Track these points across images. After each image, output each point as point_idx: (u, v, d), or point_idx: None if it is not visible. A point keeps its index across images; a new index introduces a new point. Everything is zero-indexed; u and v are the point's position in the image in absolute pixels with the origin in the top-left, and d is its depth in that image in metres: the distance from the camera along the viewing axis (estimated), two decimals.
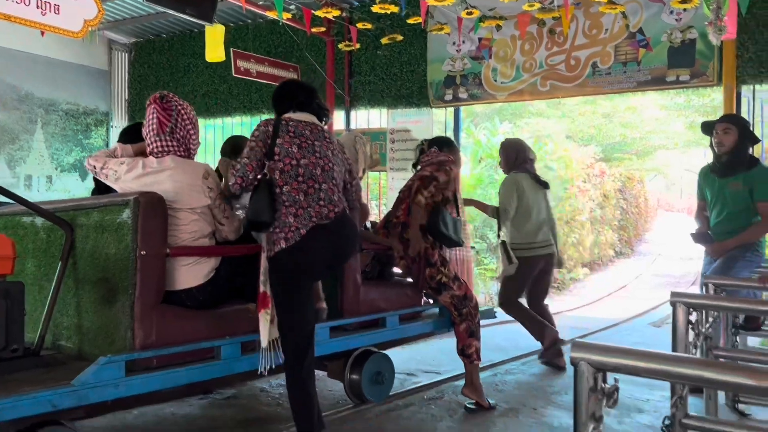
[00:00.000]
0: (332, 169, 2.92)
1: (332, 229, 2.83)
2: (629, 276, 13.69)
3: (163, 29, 9.34)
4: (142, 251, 2.44)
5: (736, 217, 4.05)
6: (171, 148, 2.77)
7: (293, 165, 2.79)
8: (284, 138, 2.81)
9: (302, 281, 2.83)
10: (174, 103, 2.81)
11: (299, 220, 2.75)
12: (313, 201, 2.80)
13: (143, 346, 2.45)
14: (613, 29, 6.50)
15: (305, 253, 2.78)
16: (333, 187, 2.90)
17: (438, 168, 3.80)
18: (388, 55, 7.85)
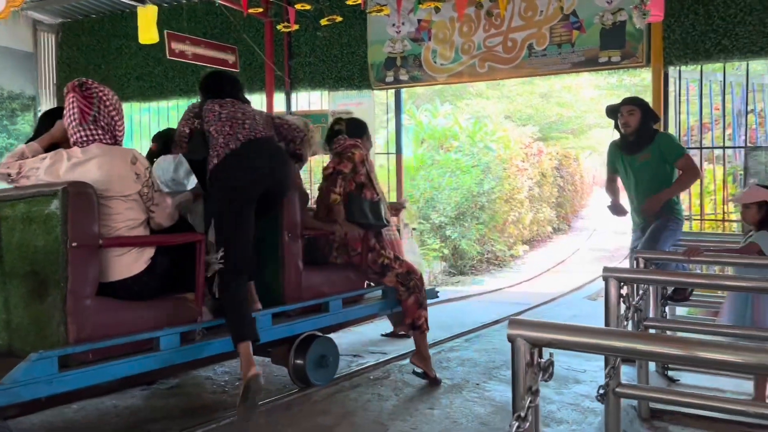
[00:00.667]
0: (254, 118, 3.29)
1: (263, 145, 3.19)
2: (567, 251, 14.13)
3: (92, 9, 8.93)
4: (73, 243, 2.36)
5: (651, 185, 4.27)
6: (96, 136, 2.67)
7: (216, 114, 3.22)
8: (208, 105, 3.27)
9: (239, 198, 3.08)
10: (94, 90, 2.70)
11: (228, 139, 3.14)
12: (239, 129, 3.19)
13: (77, 341, 2.37)
14: (548, 11, 6.61)
15: (239, 164, 3.10)
16: (256, 123, 3.27)
17: (339, 160, 3.80)
18: (327, 37, 7.76)
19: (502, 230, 12.11)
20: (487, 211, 11.42)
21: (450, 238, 10.46)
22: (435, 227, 10.36)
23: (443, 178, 10.91)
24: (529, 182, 13.47)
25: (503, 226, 12.14)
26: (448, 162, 11.20)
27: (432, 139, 11.91)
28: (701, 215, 6.05)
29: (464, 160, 11.43)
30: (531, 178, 13.60)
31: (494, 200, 11.61)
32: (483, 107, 14.95)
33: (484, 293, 8.41)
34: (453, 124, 12.47)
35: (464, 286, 9.44)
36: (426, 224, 10.24)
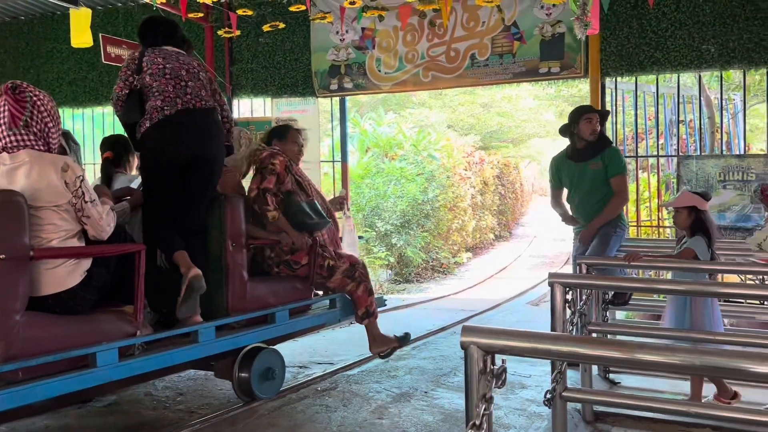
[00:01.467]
0: (197, 74, 3.29)
1: (198, 117, 3.19)
2: (509, 258, 14.40)
3: (21, 10, 8.54)
4: (0, 255, 2.21)
5: (597, 195, 4.40)
6: (27, 142, 2.53)
7: (160, 68, 3.19)
8: (149, 55, 3.22)
9: (164, 168, 3.15)
10: (28, 93, 2.56)
11: (166, 102, 3.14)
12: (181, 93, 3.18)
13: (6, 358, 2.22)
14: (490, 22, 6.73)
15: (170, 129, 3.12)
16: (200, 86, 3.26)
17: (262, 176, 3.68)
18: (270, 43, 7.67)
19: (446, 238, 12.22)
20: (432, 219, 11.51)
21: (395, 246, 10.47)
22: (380, 235, 10.36)
23: (388, 187, 10.93)
24: (472, 190, 13.66)
25: (447, 234, 12.26)
26: (392, 170, 11.24)
27: (377, 147, 11.93)
28: (637, 221, 6.27)
29: (409, 168, 11.49)
30: (473, 187, 13.81)
31: (438, 208, 11.72)
32: (426, 116, 15.11)
33: (430, 300, 8.45)
34: (397, 132, 12.53)
35: (410, 294, 9.46)
36: (371, 232, 10.23)
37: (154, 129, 3.16)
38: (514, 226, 19.40)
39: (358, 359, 4.74)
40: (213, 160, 3.32)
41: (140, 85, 3.23)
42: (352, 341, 5.53)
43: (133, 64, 3.25)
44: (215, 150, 3.33)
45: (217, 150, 3.35)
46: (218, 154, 3.37)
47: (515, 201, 19.96)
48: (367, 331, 4.01)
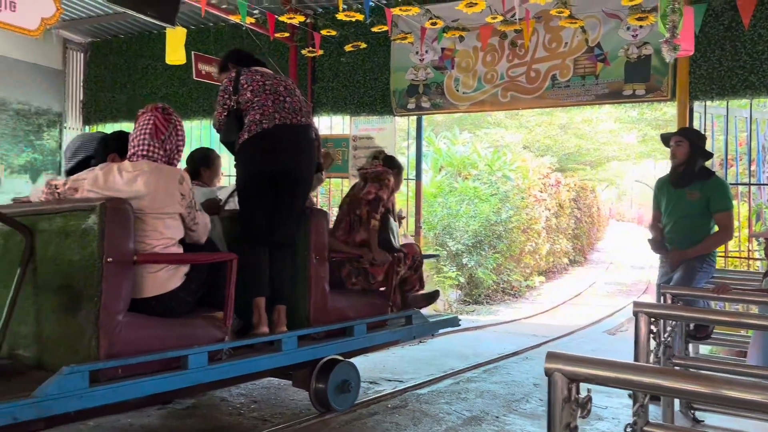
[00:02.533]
0: (294, 90, 3.42)
1: (294, 132, 3.27)
2: (583, 284, 14.01)
3: (121, 29, 9.12)
4: (108, 258, 2.37)
5: (692, 225, 4.23)
6: (156, 155, 2.75)
7: (260, 84, 3.31)
8: (246, 74, 3.35)
9: (257, 181, 3.25)
10: (174, 117, 2.86)
11: (265, 116, 3.24)
12: (279, 107, 3.28)
13: (108, 356, 2.37)
14: (573, 43, 6.66)
15: (266, 142, 3.21)
16: (298, 101, 3.37)
17: (380, 186, 3.90)
18: (351, 63, 7.86)
19: (518, 260, 12.03)
20: (505, 241, 11.36)
21: (466, 267, 10.40)
22: (451, 255, 10.31)
23: (461, 206, 10.89)
24: (547, 213, 13.42)
25: (519, 256, 12.07)
26: (466, 190, 11.19)
27: (450, 166, 11.92)
28: (725, 252, 5.99)
29: (483, 188, 11.42)
30: (548, 209, 13.55)
31: (511, 230, 11.56)
32: (501, 136, 14.99)
33: (501, 323, 8.32)
34: (472, 152, 12.49)
35: (479, 316, 9.35)
36: (442, 251, 10.20)
37: (250, 141, 3.27)
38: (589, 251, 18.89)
39: (428, 379, 4.73)
40: (304, 175, 3.40)
41: (237, 105, 3.33)
42: (421, 360, 5.53)
43: (230, 87, 3.38)
44: (306, 166, 3.41)
45: (308, 166, 3.43)
46: (309, 170, 3.45)
47: (591, 225, 19.43)
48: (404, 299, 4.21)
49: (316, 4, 7.82)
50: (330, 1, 7.36)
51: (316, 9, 7.89)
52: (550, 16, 6.58)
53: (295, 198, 3.38)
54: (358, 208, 3.85)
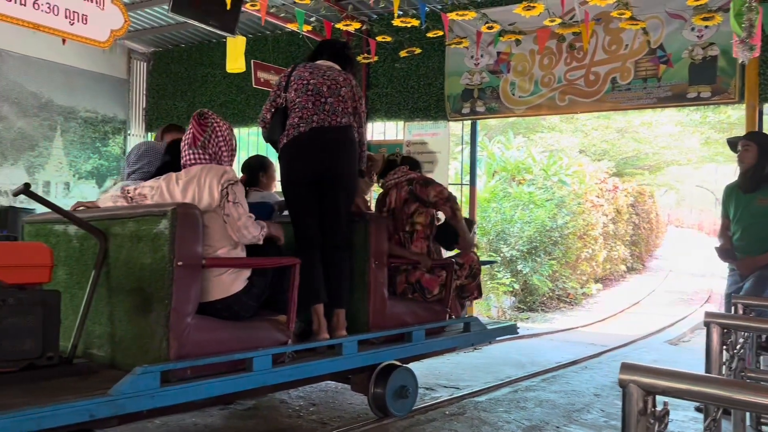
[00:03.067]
0: (339, 89, 3.33)
1: (331, 135, 3.23)
2: (642, 292, 13.60)
3: (182, 39, 9.41)
4: (178, 262, 2.45)
5: (762, 231, 4.05)
6: (201, 160, 2.81)
7: (304, 83, 3.29)
8: (299, 71, 3.36)
9: (296, 186, 3.27)
10: (210, 120, 2.88)
11: (303, 120, 3.23)
12: (319, 109, 3.25)
13: (178, 357, 2.44)
14: (634, 45, 6.50)
15: (301, 147, 3.21)
16: (340, 102, 3.30)
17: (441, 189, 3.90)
18: (405, 68, 7.88)
19: (574, 267, 11.78)
20: (560, 247, 11.15)
21: (521, 273, 10.25)
22: (505, 261, 10.18)
23: (515, 212, 10.75)
24: (604, 219, 13.10)
25: (576, 263, 11.81)
26: (520, 195, 11.05)
27: (504, 171, 11.79)
28: None
29: (538, 193, 11.24)
30: (606, 215, 13.23)
31: (567, 236, 11.34)
32: (557, 140, 14.73)
33: (557, 332, 8.16)
34: (526, 156, 12.32)
35: (534, 323, 9.20)
36: (496, 257, 10.09)
37: (288, 145, 3.28)
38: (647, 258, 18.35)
39: (485, 386, 4.68)
40: (343, 177, 3.32)
41: (285, 102, 3.34)
42: (477, 367, 5.48)
43: (283, 82, 3.38)
44: (345, 168, 3.32)
45: (347, 167, 3.34)
46: (349, 171, 3.35)
47: (650, 232, 18.87)
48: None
49: (371, 11, 7.88)
50: (385, 8, 7.41)
51: (372, 16, 7.95)
52: (610, 18, 6.44)
53: (338, 201, 3.31)
54: (407, 224, 3.81)
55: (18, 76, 8.40)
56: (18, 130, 8.47)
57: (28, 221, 3.38)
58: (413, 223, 3.76)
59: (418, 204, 3.78)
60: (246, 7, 6.34)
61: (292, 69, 3.41)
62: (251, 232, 2.76)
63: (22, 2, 4.70)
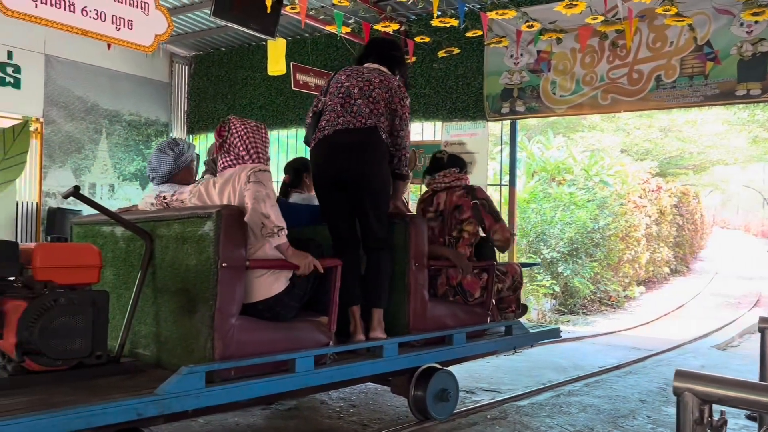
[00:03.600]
0: (372, 90, 3.31)
1: (354, 137, 3.21)
2: (686, 295, 13.24)
3: (223, 43, 9.55)
4: (223, 263, 2.47)
5: None
6: (228, 163, 2.88)
7: (338, 86, 3.34)
8: (338, 74, 3.41)
9: (322, 188, 3.30)
10: (229, 124, 2.92)
11: (329, 123, 3.26)
12: (347, 111, 3.26)
13: (222, 357, 2.47)
14: (679, 42, 6.34)
15: (324, 149, 3.24)
16: (370, 103, 3.28)
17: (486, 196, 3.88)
18: (443, 68, 7.84)
19: (616, 269, 11.54)
20: (602, 249, 10.94)
21: (561, 275, 10.08)
22: (546, 263, 10.04)
23: (556, 213, 10.59)
24: (647, 220, 12.79)
25: (618, 265, 11.57)
26: (561, 196, 10.87)
27: (544, 171, 11.62)
28: None
29: (579, 194, 11.04)
30: (649, 216, 12.92)
31: (609, 237, 11.11)
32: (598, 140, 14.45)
33: (599, 335, 8.00)
34: (567, 156, 12.12)
35: (575, 327, 9.04)
36: (536, 259, 9.95)
37: (315, 148, 3.33)
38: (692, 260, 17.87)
39: (527, 390, 4.61)
40: (366, 179, 3.24)
41: (322, 106, 3.38)
42: (518, 370, 5.40)
43: (324, 87, 3.47)
44: (368, 169, 3.24)
45: (370, 169, 3.24)
46: (371, 172, 3.25)
47: (694, 233, 18.37)
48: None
49: (410, 12, 7.87)
50: (424, 9, 7.38)
51: (410, 16, 7.94)
52: (654, 15, 6.30)
53: (363, 203, 3.26)
54: (455, 229, 3.78)
55: (66, 80, 8.66)
56: (65, 133, 8.72)
57: (77, 222, 3.47)
58: (461, 230, 3.74)
59: (471, 215, 3.73)
60: (285, 10, 6.40)
61: (335, 73, 3.47)
62: (262, 208, 2.60)
63: (71, 9, 4.83)
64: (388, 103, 3.32)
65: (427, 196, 3.91)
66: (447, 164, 3.96)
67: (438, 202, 3.86)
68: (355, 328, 3.19)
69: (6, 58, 7.87)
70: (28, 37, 7.83)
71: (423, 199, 3.94)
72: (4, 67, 7.89)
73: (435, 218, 3.81)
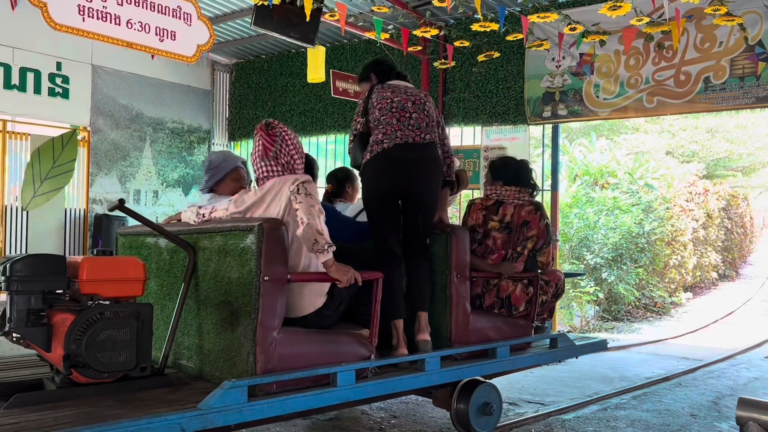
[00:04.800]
0: (423, 105, 3.33)
1: (415, 152, 3.20)
2: (736, 301, 12.77)
3: (263, 50, 9.65)
4: (265, 277, 2.46)
5: None
6: (275, 172, 2.81)
7: (388, 102, 3.29)
8: (379, 91, 3.35)
9: (379, 201, 3.25)
10: (278, 129, 2.87)
11: (387, 136, 3.22)
12: (404, 125, 3.24)
13: (264, 371, 2.46)
14: (729, 42, 6.15)
15: (384, 163, 3.19)
16: (425, 117, 3.30)
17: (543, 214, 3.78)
18: (483, 72, 7.77)
19: (662, 275, 11.21)
20: (647, 254, 10.63)
21: (605, 281, 9.85)
22: (589, 269, 9.81)
23: (599, 217, 10.35)
24: (694, 224, 12.40)
25: (663, 271, 11.24)
26: (604, 200, 10.63)
27: (586, 175, 11.38)
28: None
29: (623, 198, 10.78)
30: (695, 219, 12.52)
31: (654, 242, 10.80)
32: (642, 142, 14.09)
33: (645, 343, 7.78)
34: (610, 159, 11.85)
35: (620, 334, 8.80)
36: (579, 265, 9.74)
37: (371, 162, 3.27)
38: (741, 265, 17.25)
39: (572, 403, 4.50)
40: (425, 195, 3.29)
41: (365, 128, 3.34)
42: (562, 381, 5.28)
43: (361, 108, 3.40)
44: (427, 186, 3.29)
45: (429, 185, 3.30)
46: (431, 189, 3.31)
47: (743, 237, 17.73)
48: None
49: (449, 17, 7.81)
50: (463, 13, 7.31)
51: (449, 21, 7.89)
52: (702, 15, 6.11)
53: (417, 218, 3.29)
54: (520, 245, 3.70)
55: (111, 90, 8.87)
56: (111, 141, 8.93)
57: (122, 233, 3.52)
58: (525, 246, 3.67)
59: (537, 234, 3.67)
60: (325, 17, 6.42)
61: (369, 93, 3.41)
62: (317, 225, 2.60)
63: (116, 22, 4.94)
64: (436, 116, 3.46)
65: (490, 203, 3.81)
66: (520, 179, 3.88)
67: (504, 213, 3.75)
68: (398, 342, 3.16)
69: (55, 69, 8.11)
70: (76, 48, 8.06)
71: (485, 206, 3.82)
72: (54, 78, 8.13)
73: (500, 229, 3.72)
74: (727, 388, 5.14)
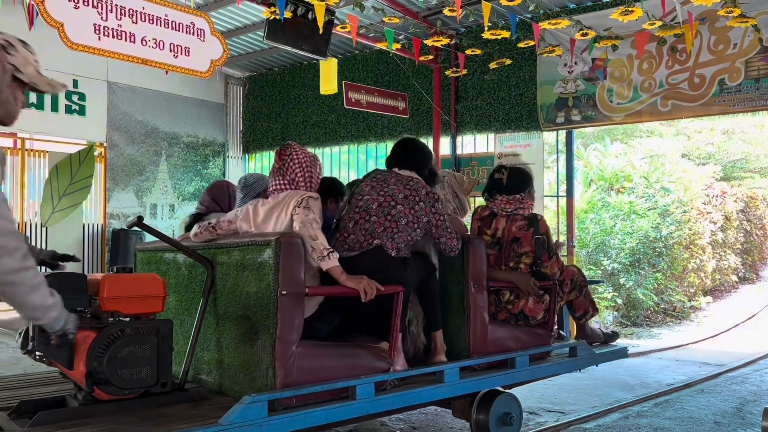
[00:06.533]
0: (392, 207, 3.02)
1: (356, 262, 2.89)
2: (757, 304, 12.58)
3: (275, 63, 9.73)
4: (282, 291, 2.47)
5: None
6: (282, 186, 2.89)
7: (358, 199, 3.11)
8: (365, 181, 3.18)
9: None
10: (290, 149, 2.96)
11: (338, 242, 3.01)
12: (359, 230, 3.01)
13: (283, 385, 2.46)
14: (743, 43, 6.11)
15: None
16: (385, 221, 2.99)
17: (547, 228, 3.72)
18: (495, 80, 7.77)
19: (680, 279, 11.08)
20: (665, 258, 10.53)
21: (623, 287, 9.76)
22: (606, 274, 9.73)
23: (615, 222, 10.27)
24: (712, 227, 12.26)
25: (682, 275, 11.11)
26: (620, 205, 10.55)
27: (602, 180, 11.31)
28: None
29: (639, 202, 10.69)
30: (714, 222, 12.38)
31: (672, 246, 10.69)
32: (657, 145, 13.97)
33: (666, 349, 7.69)
34: (625, 164, 11.77)
35: (639, 340, 8.71)
36: (596, 270, 9.67)
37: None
38: (761, 267, 17.00)
39: (593, 411, 4.45)
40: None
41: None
42: (582, 389, 5.23)
43: (350, 189, 3.36)
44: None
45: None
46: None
47: (763, 238, 17.48)
48: (578, 328, 4.12)
49: (460, 26, 7.83)
50: (474, 21, 7.33)
51: (460, 29, 7.90)
52: (715, 17, 6.08)
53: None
54: (512, 260, 3.62)
55: (127, 106, 8.99)
56: (127, 156, 9.04)
57: (140, 249, 3.56)
58: (519, 261, 3.59)
59: (531, 250, 3.58)
60: (336, 29, 6.46)
61: (367, 173, 3.28)
62: (309, 231, 2.60)
63: (131, 40, 5.01)
64: (410, 220, 3.02)
65: (486, 214, 3.76)
66: (507, 186, 3.71)
67: (497, 227, 3.67)
68: (438, 349, 3.21)
69: (72, 86, 8.23)
70: (91, 65, 8.18)
71: (482, 216, 3.78)
72: (70, 95, 8.25)
73: (492, 245, 3.65)
74: (751, 394, 5.07)
